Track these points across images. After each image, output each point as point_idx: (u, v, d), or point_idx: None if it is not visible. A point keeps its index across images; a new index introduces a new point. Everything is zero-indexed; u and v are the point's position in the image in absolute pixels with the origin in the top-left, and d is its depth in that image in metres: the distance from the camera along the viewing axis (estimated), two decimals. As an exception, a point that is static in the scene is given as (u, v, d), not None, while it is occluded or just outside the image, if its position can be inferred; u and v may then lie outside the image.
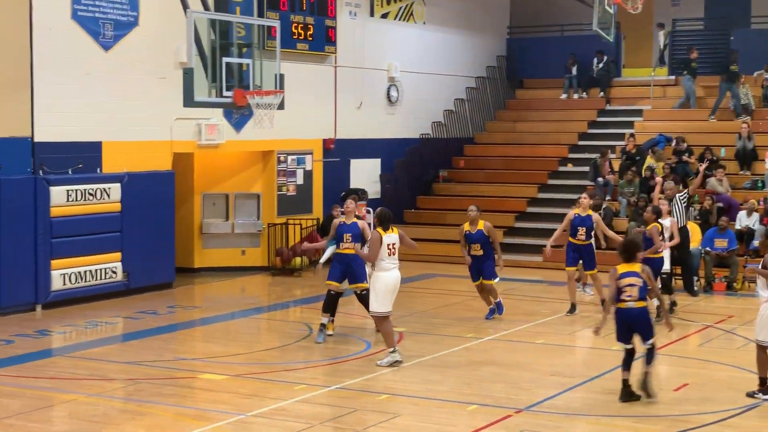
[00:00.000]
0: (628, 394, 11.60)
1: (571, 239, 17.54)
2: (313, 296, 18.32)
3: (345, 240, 14.88)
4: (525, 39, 30.85)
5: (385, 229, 13.36)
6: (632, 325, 11.63)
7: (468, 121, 28.83)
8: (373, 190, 25.37)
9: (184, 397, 12.19)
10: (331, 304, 15.05)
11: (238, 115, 21.45)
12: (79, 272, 18.13)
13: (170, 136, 20.17)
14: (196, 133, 20.69)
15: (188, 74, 20.16)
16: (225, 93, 20.93)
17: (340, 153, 24.40)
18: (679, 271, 19.35)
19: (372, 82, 25.56)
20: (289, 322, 17.49)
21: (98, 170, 18.76)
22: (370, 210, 24.75)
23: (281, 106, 21.33)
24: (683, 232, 18.77)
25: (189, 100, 20.28)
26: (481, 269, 16.62)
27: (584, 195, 17.91)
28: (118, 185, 18.87)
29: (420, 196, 26.82)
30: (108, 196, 18.69)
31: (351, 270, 14.93)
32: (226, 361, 13.89)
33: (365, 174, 25.29)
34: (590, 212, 17.47)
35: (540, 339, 15.44)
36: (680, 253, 18.67)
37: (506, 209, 25.51)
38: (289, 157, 23.12)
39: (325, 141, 24.08)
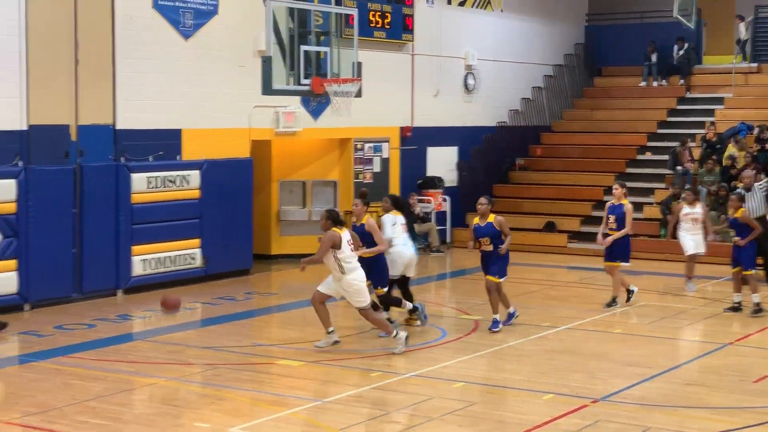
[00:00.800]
0: None
1: (606, 230, 17.12)
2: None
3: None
4: (604, 26, 30.54)
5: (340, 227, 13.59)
6: None
7: (545, 109, 28.65)
8: (450, 178, 25.36)
9: (262, 382, 12.31)
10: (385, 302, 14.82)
11: (316, 102, 21.59)
12: (159, 258, 18.40)
13: (248, 123, 20.35)
14: (274, 120, 20.86)
15: (267, 62, 20.35)
16: (303, 81, 21.09)
17: (417, 141, 24.41)
18: (761, 261, 19.04)
19: (449, 70, 25.52)
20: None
21: (178, 157, 19.00)
22: (447, 198, 24.81)
23: (359, 94, 21.41)
24: (763, 222, 18.46)
25: (267, 88, 20.47)
26: (488, 266, 15.19)
27: (616, 185, 17.46)
28: (197, 172, 19.10)
29: (496, 184, 26.73)
30: (187, 183, 18.93)
31: (372, 273, 14.31)
32: (303, 347, 14.00)
33: (442, 162, 25.27)
34: (623, 201, 17.11)
35: (617, 329, 15.32)
36: (762, 243, 18.35)
37: (583, 198, 25.33)
38: (366, 145, 23.19)
39: (402, 129, 24.11)
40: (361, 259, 13.88)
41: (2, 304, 16.08)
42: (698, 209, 18.64)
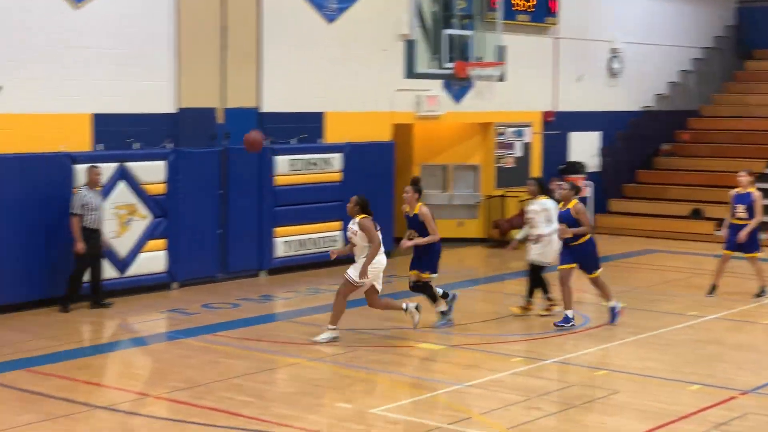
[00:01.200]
0: None
1: (731, 219, 16.55)
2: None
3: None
4: (756, 8, 29.60)
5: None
6: None
7: (693, 94, 27.95)
8: (593, 163, 25.00)
9: (403, 365, 12.36)
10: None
11: (458, 86, 21.53)
12: (301, 240, 18.64)
13: (391, 107, 20.41)
14: (415, 104, 20.87)
15: (410, 46, 20.41)
16: (446, 65, 21.08)
17: (559, 125, 24.12)
18: None
19: (593, 54, 25.12)
20: (506, 294, 17.44)
21: (320, 141, 19.19)
22: (589, 184, 24.45)
23: (501, 78, 21.31)
24: None
25: (410, 72, 20.55)
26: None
27: (743, 172, 16.71)
28: (339, 155, 19.26)
29: (641, 170, 26.23)
30: (329, 166, 19.11)
31: (422, 260, 14.15)
32: (443, 331, 14.00)
33: (585, 147, 24.92)
34: (751, 189, 16.41)
35: (765, 319, 14.89)
36: None
37: (732, 185, 24.58)
38: (508, 130, 23.02)
39: (544, 113, 23.86)
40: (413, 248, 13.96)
41: (151, 282, 16.53)
42: None
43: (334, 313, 13.18)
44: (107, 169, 15.89)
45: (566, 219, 14.04)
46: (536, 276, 14.90)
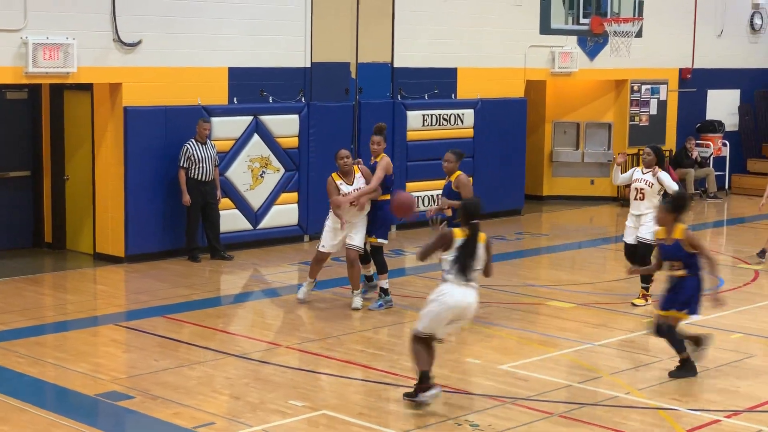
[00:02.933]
0: None
1: None
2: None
3: None
4: None
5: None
6: None
7: (838, 51, 26.93)
8: (731, 122, 24.36)
9: (531, 322, 12.31)
10: None
11: (593, 42, 21.19)
12: (432, 195, 18.65)
13: (524, 63, 20.20)
14: (549, 60, 20.61)
15: (545, 1, 20.14)
16: (582, 20, 20.76)
17: (696, 83, 23.54)
18: None
19: (734, 9, 24.37)
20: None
21: (453, 96, 19.12)
22: (726, 143, 23.85)
23: (638, 34, 20.87)
24: None
25: (545, 28, 20.30)
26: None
27: None
28: (471, 111, 19.18)
29: (781, 130, 25.47)
30: (462, 122, 19.04)
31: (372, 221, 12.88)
32: (573, 289, 13.90)
33: (722, 105, 24.28)
34: None
35: None
36: None
37: None
38: (643, 87, 22.57)
39: (681, 71, 23.30)
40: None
41: (284, 234, 16.79)
42: None
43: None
44: (242, 122, 16.14)
45: (447, 192, 12.44)
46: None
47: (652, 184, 12.82)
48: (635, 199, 13.01)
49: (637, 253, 12.83)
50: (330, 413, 8.88)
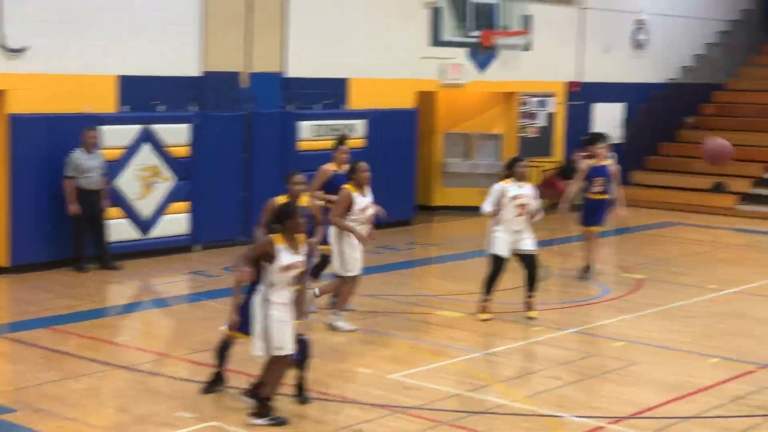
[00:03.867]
0: None
1: (588, 194, 15.45)
2: (555, 238, 18.21)
3: None
4: (784, -19, 29.36)
5: None
6: None
7: (718, 67, 27.76)
8: (616, 134, 24.90)
9: (422, 331, 12.41)
10: None
11: (483, 55, 21.47)
12: (323, 207, 18.64)
13: (414, 74, 20.37)
14: (440, 72, 20.82)
15: (436, 14, 20.35)
16: (471, 33, 21.03)
17: (584, 96, 24.02)
18: None
19: (619, 26, 24.96)
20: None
21: (344, 107, 19.19)
22: (615, 155, 24.34)
23: (527, 48, 21.23)
24: None
25: (435, 40, 20.49)
26: None
27: (600, 143, 15.68)
28: (362, 122, 19.26)
29: (664, 143, 26.12)
30: (353, 132, 19.10)
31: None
32: (463, 299, 14.04)
33: (609, 118, 24.81)
34: (607, 162, 15.32)
35: (787, 294, 14.88)
36: None
37: (757, 159, 24.55)
38: (532, 99, 22.95)
39: (569, 84, 23.76)
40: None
41: (174, 244, 16.63)
42: None
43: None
44: (131, 131, 15.96)
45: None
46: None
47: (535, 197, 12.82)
48: (518, 216, 12.65)
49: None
50: (220, 425, 8.83)
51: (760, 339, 12.26)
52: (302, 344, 9.25)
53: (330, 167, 13.36)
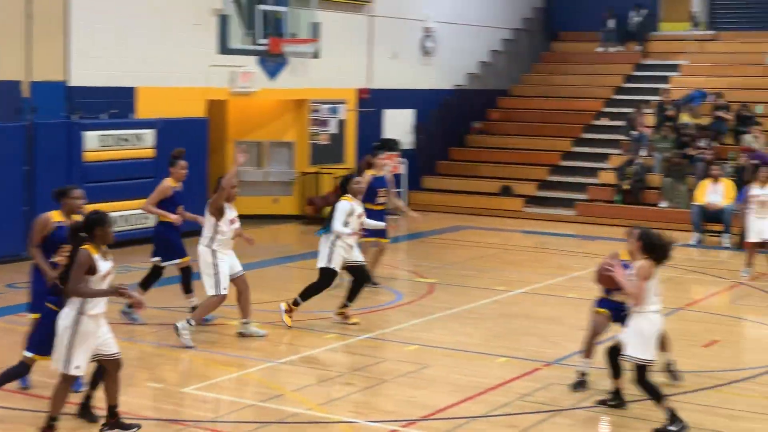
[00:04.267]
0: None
1: (371, 205, 14.74)
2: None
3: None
4: (563, -10, 30.51)
5: None
6: None
7: (503, 74, 28.61)
8: (407, 140, 25.31)
9: (215, 343, 12.25)
10: None
11: (273, 63, 21.43)
12: (113, 218, 18.21)
13: (204, 83, 20.16)
14: (230, 80, 20.67)
15: (223, 21, 20.19)
16: (260, 41, 20.95)
17: (374, 103, 24.32)
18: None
19: (407, 33, 25.39)
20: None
21: (132, 116, 18.80)
22: (403, 161, 24.76)
23: (316, 55, 21.32)
24: None
25: (224, 47, 20.33)
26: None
27: (381, 153, 16.07)
28: (151, 131, 18.91)
29: (453, 148, 26.72)
30: (141, 142, 18.74)
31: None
32: (257, 308, 13.91)
33: (399, 124, 25.21)
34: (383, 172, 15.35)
35: (571, 293, 15.40)
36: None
37: (540, 162, 25.40)
38: (323, 107, 23.06)
39: (359, 91, 23.99)
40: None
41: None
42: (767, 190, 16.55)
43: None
44: None
45: None
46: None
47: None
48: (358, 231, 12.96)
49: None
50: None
51: (546, 338, 12.65)
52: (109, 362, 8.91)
53: (170, 183, 13.23)
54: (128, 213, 18.50)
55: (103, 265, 8.55)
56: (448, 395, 10.19)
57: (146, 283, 13.15)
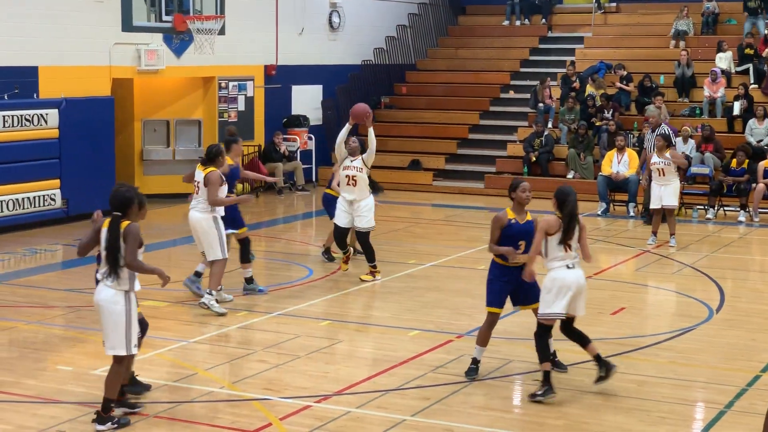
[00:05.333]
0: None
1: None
2: (253, 223, 18.27)
3: None
4: (468, -36, 30.65)
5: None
6: None
7: (410, 48, 28.69)
8: (315, 116, 25.27)
9: (126, 324, 12.13)
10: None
11: (179, 40, 21.21)
12: (17, 199, 17.92)
13: (109, 61, 19.87)
14: (135, 58, 20.41)
15: (126, -2, 19.90)
16: (164, 18, 20.71)
17: (281, 79, 24.21)
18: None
19: (314, 8, 25.31)
20: (232, 249, 17.43)
21: (35, 96, 18.46)
22: (312, 137, 24.74)
23: (222, 32, 21.15)
24: None
25: (127, 25, 20.06)
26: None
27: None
28: (55, 111, 18.59)
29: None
30: (45, 122, 18.42)
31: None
32: (167, 288, 13.74)
33: (307, 100, 25.15)
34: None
35: (481, 265, 15.48)
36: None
37: (448, 136, 25.55)
38: (230, 84, 22.90)
39: (266, 67, 23.86)
40: None
41: None
42: (666, 158, 16.90)
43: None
44: None
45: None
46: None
47: (362, 169, 14.10)
48: (348, 185, 14.05)
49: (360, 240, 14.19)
50: None
51: (457, 310, 12.79)
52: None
53: (228, 162, 12.87)
54: (33, 194, 18.20)
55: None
56: (361, 369, 10.26)
57: (245, 256, 13.33)
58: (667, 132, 18.37)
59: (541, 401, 9.34)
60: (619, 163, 20.53)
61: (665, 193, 16.92)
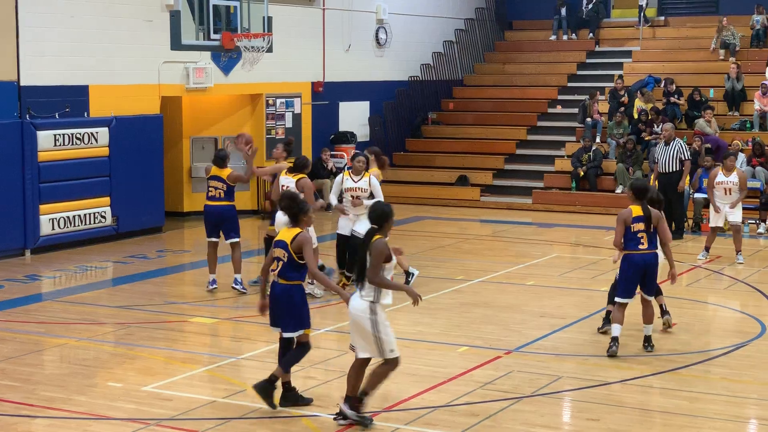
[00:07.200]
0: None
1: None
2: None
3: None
4: (514, -20, 30.63)
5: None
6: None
7: (457, 64, 28.70)
8: (362, 133, 25.32)
9: (175, 340, 12.23)
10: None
11: (227, 58, 21.35)
12: (68, 217, 18.10)
13: (158, 79, 20.04)
14: (184, 76, 20.56)
15: (175, 17, 20.09)
16: (213, 36, 20.87)
17: (328, 96, 24.29)
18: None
19: (361, 25, 25.39)
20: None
21: (85, 114, 18.66)
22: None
23: (270, 49, 21.24)
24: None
25: (176, 44, 20.22)
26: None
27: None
28: (105, 129, 18.77)
29: (409, 139, 26.77)
30: (96, 140, 18.60)
31: None
32: (217, 304, 13.92)
33: (354, 117, 25.21)
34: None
35: (530, 281, 15.49)
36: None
37: (495, 151, 25.50)
38: (278, 101, 23.02)
39: (313, 84, 23.97)
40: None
41: None
42: (732, 178, 16.77)
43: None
44: None
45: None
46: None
47: (366, 190, 14.14)
48: (354, 206, 14.17)
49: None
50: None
51: (505, 326, 12.72)
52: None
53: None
54: (84, 212, 18.38)
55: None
56: (409, 386, 10.23)
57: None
58: (683, 148, 18.79)
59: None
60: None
61: (730, 210, 16.74)
